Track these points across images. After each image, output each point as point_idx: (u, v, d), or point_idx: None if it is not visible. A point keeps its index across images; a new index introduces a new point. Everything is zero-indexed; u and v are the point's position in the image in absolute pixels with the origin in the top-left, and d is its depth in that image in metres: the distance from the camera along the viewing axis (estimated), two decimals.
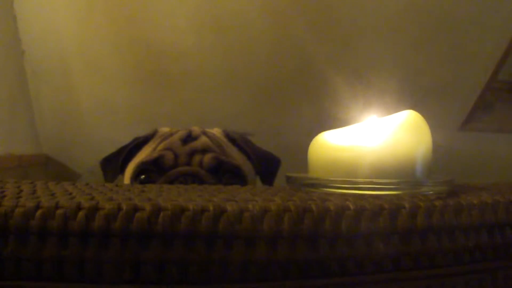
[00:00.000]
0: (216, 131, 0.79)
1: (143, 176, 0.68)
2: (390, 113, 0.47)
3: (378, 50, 1.55)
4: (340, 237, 0.37)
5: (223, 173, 0.69)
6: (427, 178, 0.44)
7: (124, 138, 1.82)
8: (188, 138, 0.73)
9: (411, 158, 0.43)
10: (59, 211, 0.33)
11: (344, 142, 0.44)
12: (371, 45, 1.56)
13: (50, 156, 1.78)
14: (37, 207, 0.33)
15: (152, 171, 0.68)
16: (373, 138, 0.43)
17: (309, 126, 1.73)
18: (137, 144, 0.77)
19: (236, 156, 0.74)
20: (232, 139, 0.78)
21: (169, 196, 0.38)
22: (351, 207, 0.37)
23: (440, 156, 0.47)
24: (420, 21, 1.52)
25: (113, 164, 0.76)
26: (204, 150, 0.70)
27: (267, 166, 0.77)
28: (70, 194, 0.38)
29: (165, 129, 0.79)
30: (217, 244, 0.34)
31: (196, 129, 0.76)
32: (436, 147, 0.46)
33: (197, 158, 0.69)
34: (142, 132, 1.79)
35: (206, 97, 1.73)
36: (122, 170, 0.77)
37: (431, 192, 0.41)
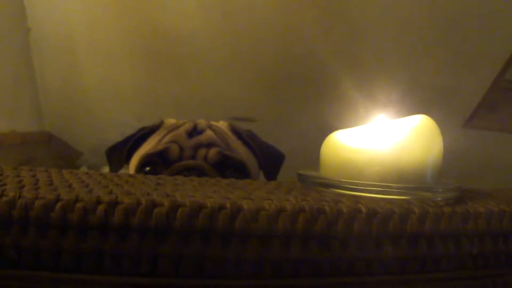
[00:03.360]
0: (222, 124, 0.80)
1: (148, 168, 0.69)
2: (400, 111, 0.48)
3: (386, 45, 1.55)
4: (351, 238, 0.38)
5: (227, 168, 0.69)
6: (437, 182, 0.45)
7: (128, 118, 1.83)
8: (194, 131, 0.73)
9: (422, 163, 0.44)
10: (78, 205, 0.34)
11: (356, 144, 0.45)
12: (378, 37, 1.55)
13: (53, 134, 1.79)
14: (57, 199, 0.34)
15: (157, 163, 0.68)
16: (386, 141, 0.44)
17: (313, 112, 1.74)
18: (143, 135, 0.77)
19: (241, 151, 0.74)
20: (237, 133, 0.78)
21: (185, 191, 0.38)
22: (363, 210, 0.38)
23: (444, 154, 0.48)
24: (429, 19, 1.51)
25: (119, 153, 0.77)
26: (209, 144, 0.70)
27: (271, 161, 0.77)
28: (88, 186, 0.38)
29: (171, 121, 0.79)
30: (232, 241, 0.35)
31: (201, 122, 0.76)
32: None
33: (202, 152, 0.69)
34: (145, 112, 1.80)
35: (211, 79, 1.73)
36: (127, 159, 0.77)
37: (439, 199, 0.42)
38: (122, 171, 0.77)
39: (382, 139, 0.44)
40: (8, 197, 0.33)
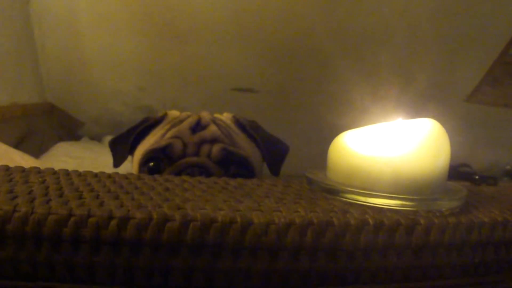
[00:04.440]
0: (226, 117, 0.79)
1: (151, 164, 0.69)
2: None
3: (391, 20, 1.52)
4: (359, 250, 0.38)
5: (231, 164, 0.69)
6: (444, 188, 0.46)
7: (130, 88, 1.82)
8: (198, 126, 0.72)
9: (432, 170, 0.44)
10: (91, 220, 0.34)
11: (365, 150, 0.45)
12: (382, 13, 1.53)
13: (54, 104, 1.78)
14: (70, 214, 0.34)
15: (161, 159, 0.68)
16: (395, 148, 0.44)
17: (315, 86, 1.74)
18: (146, 127, 0.76)
19: (245, 145, 0.74)
20: (241, 126, 0.78)
21: (196, 202, 0.39)
22: (371, 222, 0.39)
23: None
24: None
25: (122, 145, 0.76)
26: (213, 140, 0.70)
27: (275, 154, 0.77)
28: (98, 196, 0.38)
29: (174, 113, 0.78)
30: (243, 254, 0.36)
31: (205, 116, 0.75)
32: None
33: (205, 148, 0.69)
34: (147, 82, 1.79)
35: (214, 51, 1.71)
36: (131, 152, 0.77)
37: (444, 209, 0.43)
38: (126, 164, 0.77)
39: (391, 146, 0.45)
40: (21, 212, 0.34)
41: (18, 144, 1.47)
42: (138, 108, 1.81)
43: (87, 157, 1.55)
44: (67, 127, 1.85)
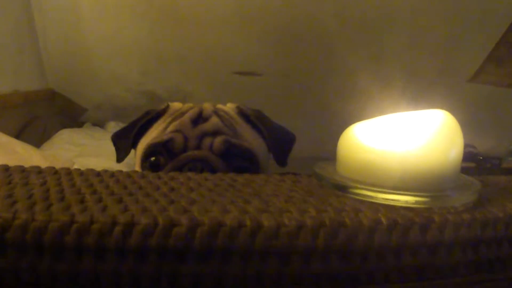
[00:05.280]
0: (229, 108, 0.76)
1: (153, 158, 0.67)
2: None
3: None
4: (372, 250, 0.37)
5: (234, 156, 0.67)
6: (457, 182, 0.44)
7: (132, 74, 1.80)
8: (199, 118, 0.70)
9: (444, 164, 0.42)
10: (94, 227, 0.33)
11: (375, 144, 0.44)
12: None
13: (56, 91, 1.77)
14: (72, 221, 0.33)
15: (162, 153, 0.67)
16: (406, 141, 0.43)
17: (319, 70, 1.71)
18: (149, 120, 0.74)
19: (248, 136, 0.72)
20: (245, 116, 0.75)
21: (203, 204, 0.37)
22: (384, 221, 0.37)
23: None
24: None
25: (125, 139, 0.75)
26: (215, 133, 0.68)
27: (280, 144, 0.75)
28: (101, 200, 0.37)
29: (176, 105, 0.76)
30: (253, 259, 0.35)
31: (207, 107, 0.73)
32: None
33: (207, 141, 0.67)
34: (149, 67, 1.76)
35: (215, 34, 1.68)
36: (134, 146, 0.75)
37: (458, 205, 0.41)
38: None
39: (402, 139, 0.43)
40: (21, 219, 0.32)
41: (21, 132, 1.46)
42: (140, 93, 1.79)
43: (90, 144, 1.54)
44: (70, 114, 1.83)
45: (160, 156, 0.67)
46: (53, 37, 1.61)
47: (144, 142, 0.71)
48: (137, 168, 0.72)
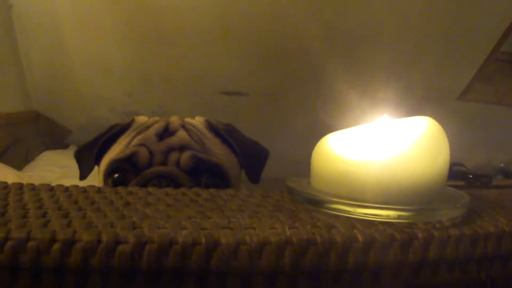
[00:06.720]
0: (198, 121, 0.72)
1: (116, 175, 0.63)
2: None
3: (379, 17, 1.48)
4: (346, 271, 0.33)
5: (202, 172, 0.64)
6: (443, 194, 0.40)
7: (117, 94, 1.77)
8: (165, 132, 0.66)
9: (428, 175, 0.39)
10: (30, 244, 0.29)
11: (352, 155, 0.40)
12: (370, 12, 1.49)
13: (40, 112, 1.74)
14: (6, 238, 0.29)
15: (126, 169, 0.63)
16: (386, 150, 0.39)
17: (305, 87, 1.69)
18: (113, 134, 0.70)
19: (218, 151, 0.68)
20: (214, 130, 0.71)
21: (156, 219, 0.33)
22: (360, 238, 0.33)
23: None
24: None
25: (88, 155, 0.70)
26: (182, 147, 0.64)
27: (253, 160, 0.71)
28: (45, 215, 0.33)
29: (142, 119, 0.72)
30: (209, 281, 0.31)
31: (174, 121, 0.69)
32: None
33: (173, 156, 0.63)
34: (134, 88, 1.74)
35: (200, 54, 1.67)
36: (97, 162, 0.71)
37: (444, 219, 0.37)
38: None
39: (382, 148, 0.39)
40: None
41: (2, 154, 1.42)
42: (125, 114, 1.75)
43: (73, 166, 1.49)
44: (54, 135, 1.79)
45: (124, 173, 0.63)
46: (37, 58, 1.59)
47: (107, 158, 0.67)
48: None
